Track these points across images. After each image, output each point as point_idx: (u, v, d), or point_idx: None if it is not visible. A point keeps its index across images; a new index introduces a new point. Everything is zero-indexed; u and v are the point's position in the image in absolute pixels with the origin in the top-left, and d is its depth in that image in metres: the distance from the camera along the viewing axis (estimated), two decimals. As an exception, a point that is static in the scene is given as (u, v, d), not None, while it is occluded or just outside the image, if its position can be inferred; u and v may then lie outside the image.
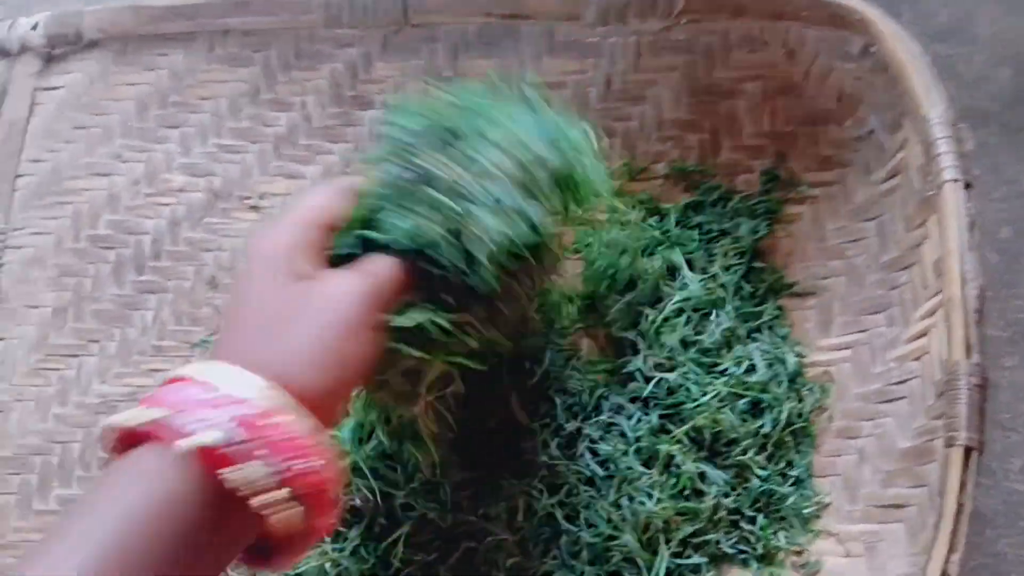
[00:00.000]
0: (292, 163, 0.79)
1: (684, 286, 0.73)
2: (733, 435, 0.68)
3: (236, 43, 0.79)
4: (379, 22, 0.76)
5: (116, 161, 0.79)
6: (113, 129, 0.80)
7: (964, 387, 0.57)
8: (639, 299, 0.73)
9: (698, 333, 0.73)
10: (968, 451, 0.56)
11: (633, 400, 0.71)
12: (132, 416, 0.42)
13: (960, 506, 0.55)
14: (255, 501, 0.42)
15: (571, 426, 0.70)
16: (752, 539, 0.67)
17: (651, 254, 0.75)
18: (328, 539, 0.66)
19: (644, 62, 0.76)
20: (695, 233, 0.76)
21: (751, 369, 0.71)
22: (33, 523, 0.73)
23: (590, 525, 0.66)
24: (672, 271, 0.74)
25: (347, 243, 0.52)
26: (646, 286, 0.73)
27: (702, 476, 0.67)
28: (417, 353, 0.52)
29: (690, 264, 0.75)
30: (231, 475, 0.41)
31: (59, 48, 0.80)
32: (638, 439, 0.68)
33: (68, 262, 0.78)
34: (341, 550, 0.66)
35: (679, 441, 0.68)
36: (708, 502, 0.66)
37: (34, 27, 0.79)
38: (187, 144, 0.79)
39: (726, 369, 0.71)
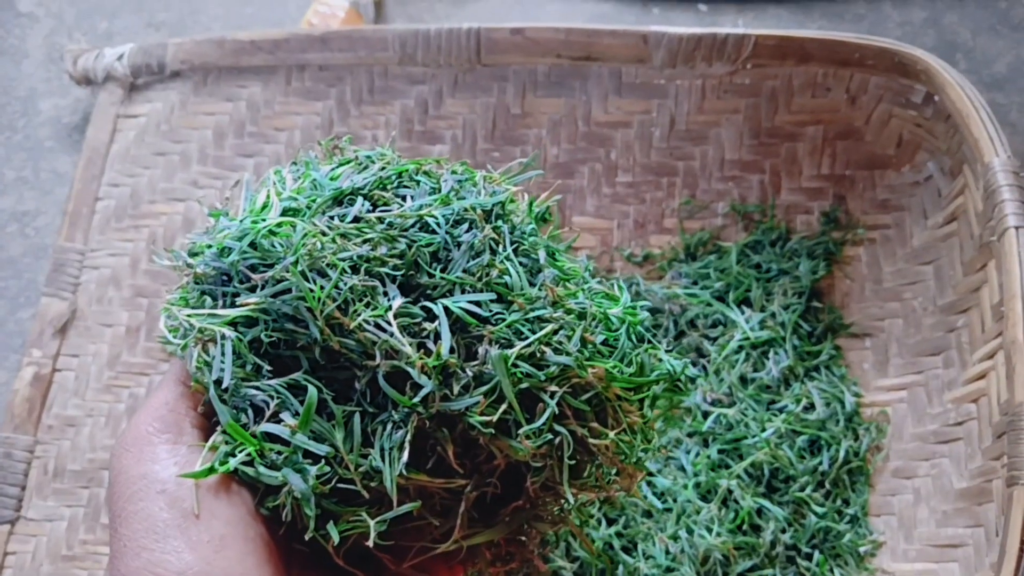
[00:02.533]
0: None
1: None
2: (791, 471, 0.70)
3: (312, 77, 0.82)
4: (452, 61, 0.78)
5: (192, 187, 0.82)
6: (191, 156, 0.82)
7: (1028, 428, 0.58)
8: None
9: (756, 370, 0.74)
10: (1031, 491, 0.57)
11: (692, 435, 0.72)
12: None
13: (1023, 543, 0.56)
14: None
15: (629, 458, 0.71)
16: (808, 575, 0.67)
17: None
18: None
19: (708, 104, 0.79)
20: (754, 272, 0.78)
21: (809, 407, 0.73)
22: (100, 536, 0.74)
23: (648, 557, 0.67)
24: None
25: None
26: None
27: (760, 512, 0.68)
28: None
29: (749, 302, 0.77)
30: None
31: (142, 78, 0.83)
32: (697, 473, 0.70)
33: (143, 283, 0.80)
34: None
35: (738, 476, 0.69)
36: (766, 537, 0.67)
37: (119, 58, 0.83)
38: (261, 173, 0.82)
39: (784, 406, 0.72)
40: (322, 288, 0.40)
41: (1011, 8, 0.92)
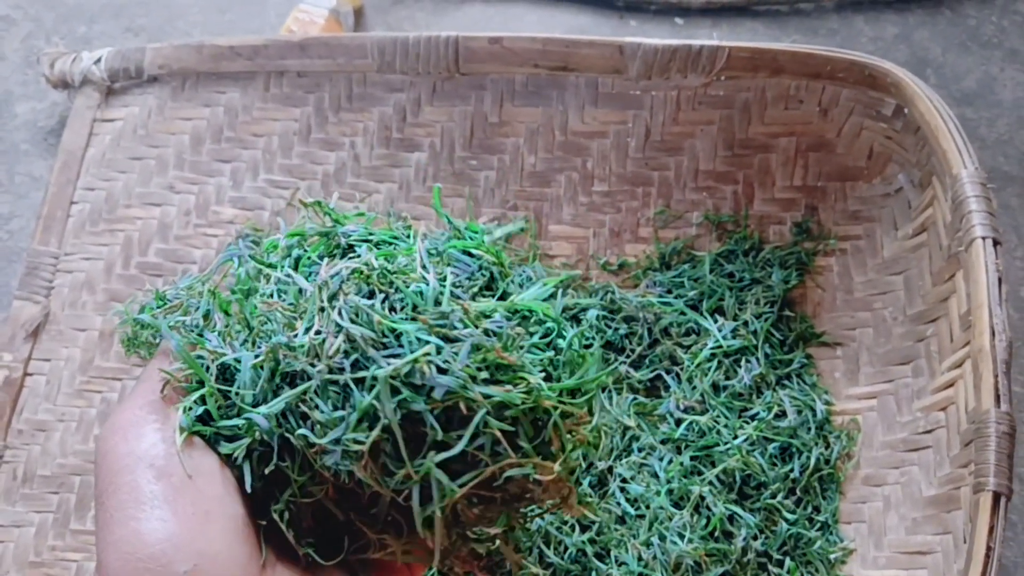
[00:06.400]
0: (340, 201, 0.82)
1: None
2: (763, 479, 0.70)
3: (291, 84, 0.82)
4: (430, 69, 0.79)
5: (169, 192, 0.82)
6: (167, 161, 0.82)
7: (993, 434, 0.59)
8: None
9: (729, 378, 0.75)
10: (997, 497, 0.58)
11: (664, 442, 0.73)
12: None
13: (989, 549, 0.57)
14: None
15: (603, 465, 0.71)
16: (779, 582, 0.68)
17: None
18: None
19: (683, 115, 0.79)
20: (727, 281, 0.79)
21: (781, 415, 0.73)
22: (69, 542, 0.73)
23: (620, 563, 0.67)
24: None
25: None
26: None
27: (732, 518, 0.69)
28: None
29: (722, 311, 0.78)
30: None
31: (119, 82, 0.83)
32: (669, 480, 0.70)
33: (117, 288, 0.80)
34: None
35: (710, 483, 0.70)
36: (738, 544, 0.67)
37: (97, 61, 0.83)
38: (238, 178, 0.82)
39: (756, 414, 0.73)
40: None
41: (981, 25, 0.94)
